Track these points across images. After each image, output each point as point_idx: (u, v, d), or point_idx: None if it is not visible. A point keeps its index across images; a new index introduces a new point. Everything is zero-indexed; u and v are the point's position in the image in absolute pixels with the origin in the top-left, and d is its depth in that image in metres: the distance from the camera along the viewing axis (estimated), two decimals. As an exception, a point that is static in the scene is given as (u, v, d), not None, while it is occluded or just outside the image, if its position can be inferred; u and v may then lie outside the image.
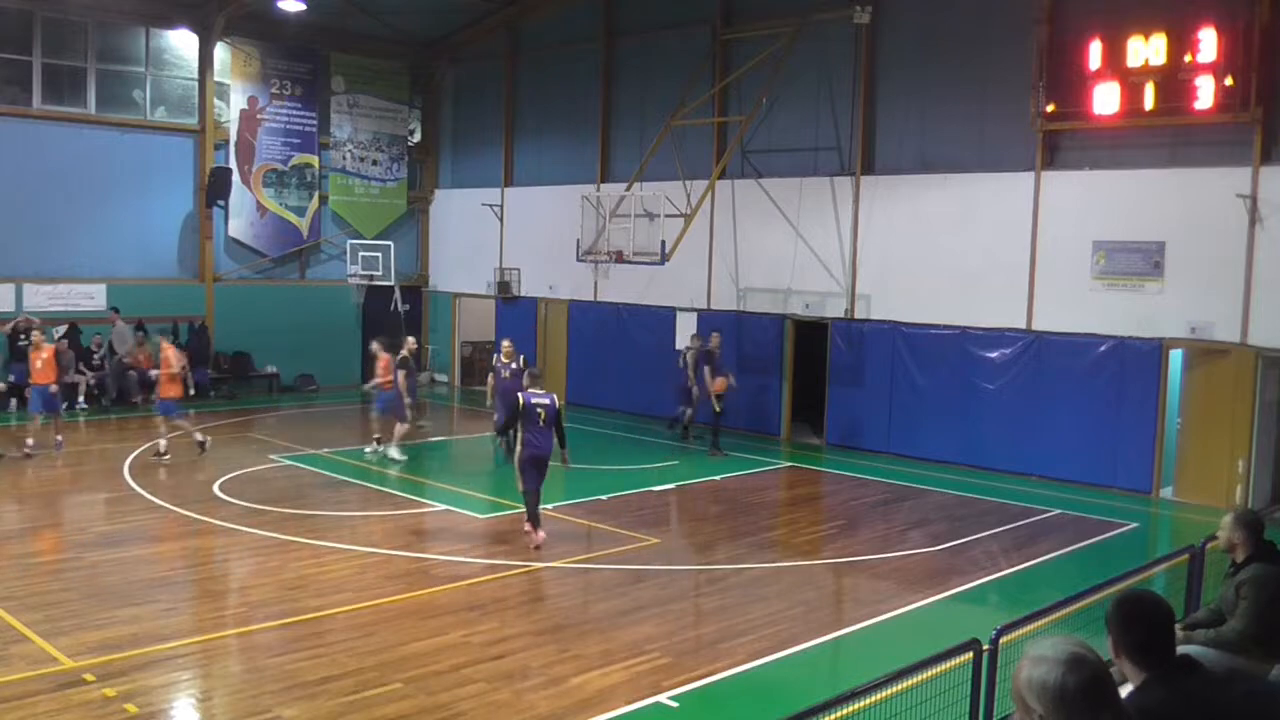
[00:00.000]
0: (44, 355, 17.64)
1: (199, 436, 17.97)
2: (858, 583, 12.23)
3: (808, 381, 20.96)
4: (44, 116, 22.95)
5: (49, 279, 22.98)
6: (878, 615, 10.72)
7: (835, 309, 20.10)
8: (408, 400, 18.31)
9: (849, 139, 20.02)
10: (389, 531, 13.55)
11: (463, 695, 8.42)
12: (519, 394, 12.96)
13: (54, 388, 17.68)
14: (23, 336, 20.49)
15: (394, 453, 17.90)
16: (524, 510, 12.82)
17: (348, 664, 9.02)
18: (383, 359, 18.32)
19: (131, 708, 8.04)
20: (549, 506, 13.80)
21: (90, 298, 23.49)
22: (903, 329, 19.24)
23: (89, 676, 8.58)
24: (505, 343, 18.51)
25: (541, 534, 12.69)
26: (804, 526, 14.78)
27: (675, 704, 8.39)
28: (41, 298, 22.80)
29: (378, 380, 18.36)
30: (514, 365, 17.66)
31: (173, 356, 17.70)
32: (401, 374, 18.10)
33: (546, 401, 12.70)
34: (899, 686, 6.34)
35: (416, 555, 12.42)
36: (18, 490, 15.69)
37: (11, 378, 21.15)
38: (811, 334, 20.71)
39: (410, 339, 19.40)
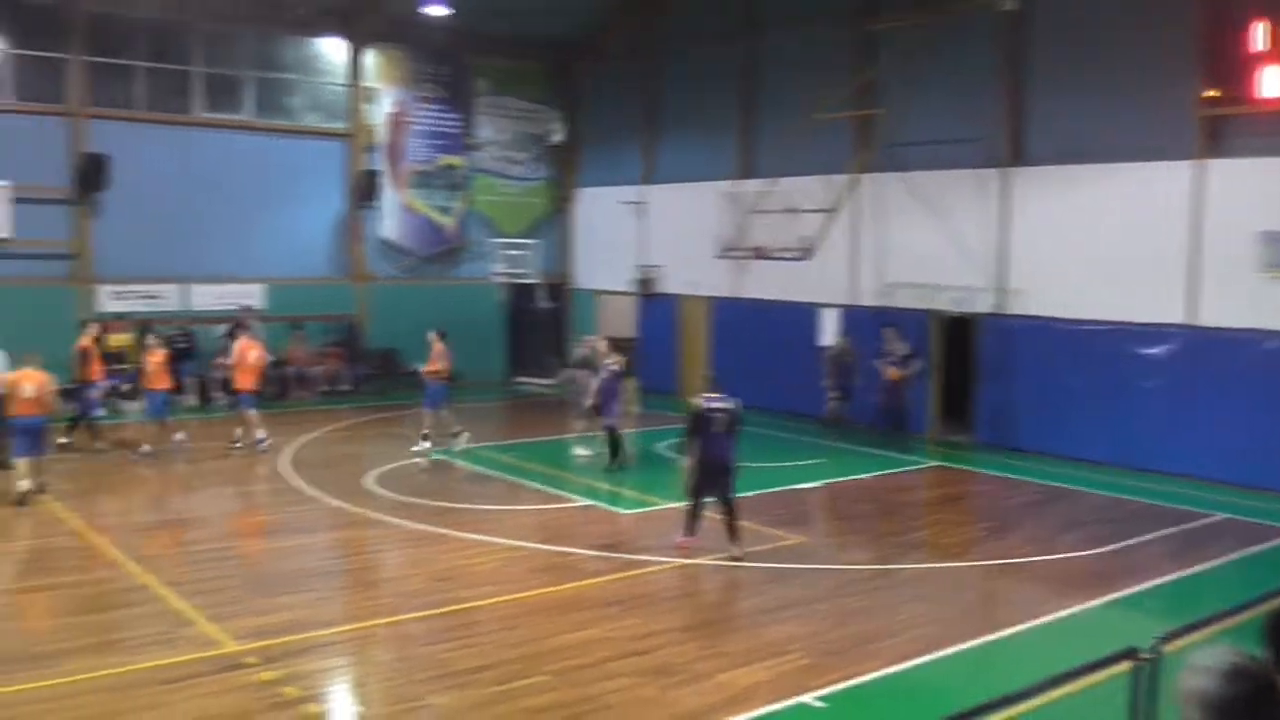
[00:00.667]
0: (156, 359, 17.56)
1: (261, 434, 18.19)
2: (1009, 586, 11.91)
3: (951, 378, 20.49)
4: (204, 124, 23.96)
5: (211, 279, 23.99)
6: (1030, 620, 10.40)
7: (983, 304, 19.62)
8: (592, 401, 17.46)
9: (996, 130, 19.49)
10: (533, 526, 13.72)
11: (608, 689, 8.48)
12: (703, 403, 12.06)
13: (164, 391, 17.62)
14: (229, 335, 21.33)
15: (582, 449, 17.97)
16: (668, 507, 12.78)
17: (495, 655, 9.16)
18: (603, 352, 17.86)
19: (290, 691, 8.32)
20: (679, 505, 13.69)
21: (249, 297, 24.41)
22: (1055, 324, 18.65)
23: (250, 660, 8.91)
24: (599, 341, 18.11)
25: (691, 541, 12.22)
26: (952, 527, 14.46)
27: (822, 704, 8.29)
28: (206, 298, 23.81)
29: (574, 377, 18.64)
30: (614, 366, 17.09)
31: (248, 351, 18.42)
32: (583, 373, 18.18)
33: (729, 406, 12.08)
34: (1052, 694, 6.12)
35: (561, 550, 12.55)
36: (183, 482, 16.42)
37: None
38: (955, 330, 20.24)
39: (594, 338, 19.38)
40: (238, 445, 17.96)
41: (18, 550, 12.50)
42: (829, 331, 21.49)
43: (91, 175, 22.09)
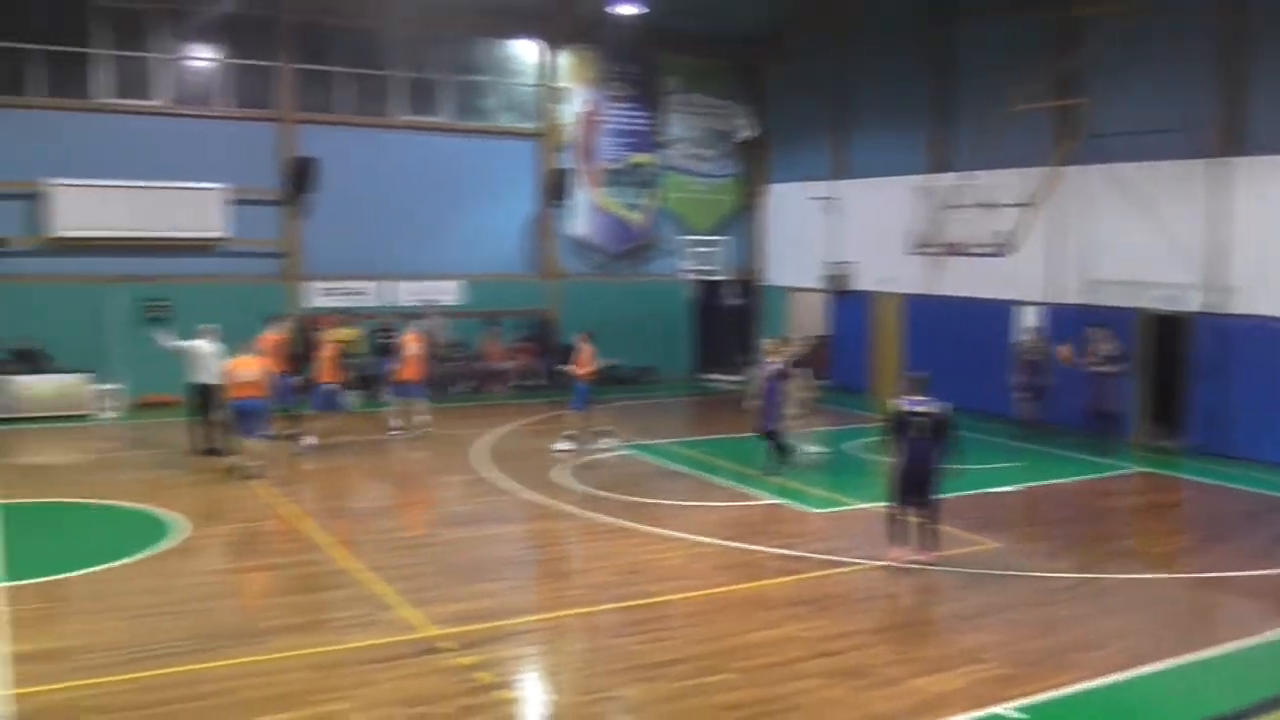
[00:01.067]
0: (327, 353, 18.35)
1: (415, 420, 19.18)
2: (1221, 600, 11.26)
3: (1160, 380, 19.49)
4: (404, 126, 24.90)
5: (409, 276, 24.92)
6: (1245, 637, 9.78)
7: (1195, 302, 18.60)
8: (753, 404, 17.02)
9: (1210, 118, 18.43)
10: (721, 522, 13.70)
11: (797, 689, 8.39)
12: (903, 405, 11.66)
13: (333, 386, 18.35)
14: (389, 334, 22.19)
15: (807, 449, 17.65)
16: (859, 507, 12.56)
17: (684, 650, 9.19)
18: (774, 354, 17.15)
19: (484, 676, 8.54)
20: (870, 505, 13.42)
21: (446, 294, 25.27)
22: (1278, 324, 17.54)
23: (447, 645, 9.18)
24: (769, 340, 17.31)
25: (903, 552, 11.76)
26: (1159, 536, 13.79)
27: (1021, 716, 7.99)
28: (405, 294, 24.77)
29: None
30: (774, 364, 16.21)
31: (411, 343, 19.31)
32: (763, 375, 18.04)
33: (931, 409, 11.56)
34: (1268, 717, 5.76)
35: (749, 547, 12.50)
36: (382, 472, 17.08)
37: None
38: (1164, 329, 19.23)
39: (780, 339, 19.11)
40: (396, 431, 19.04)
41: (233, 532, 13.22)
42: (1021, 329, 20.78)
43: (300, 177, 23.22)
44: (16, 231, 21.56)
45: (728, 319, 27.61)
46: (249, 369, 15.84)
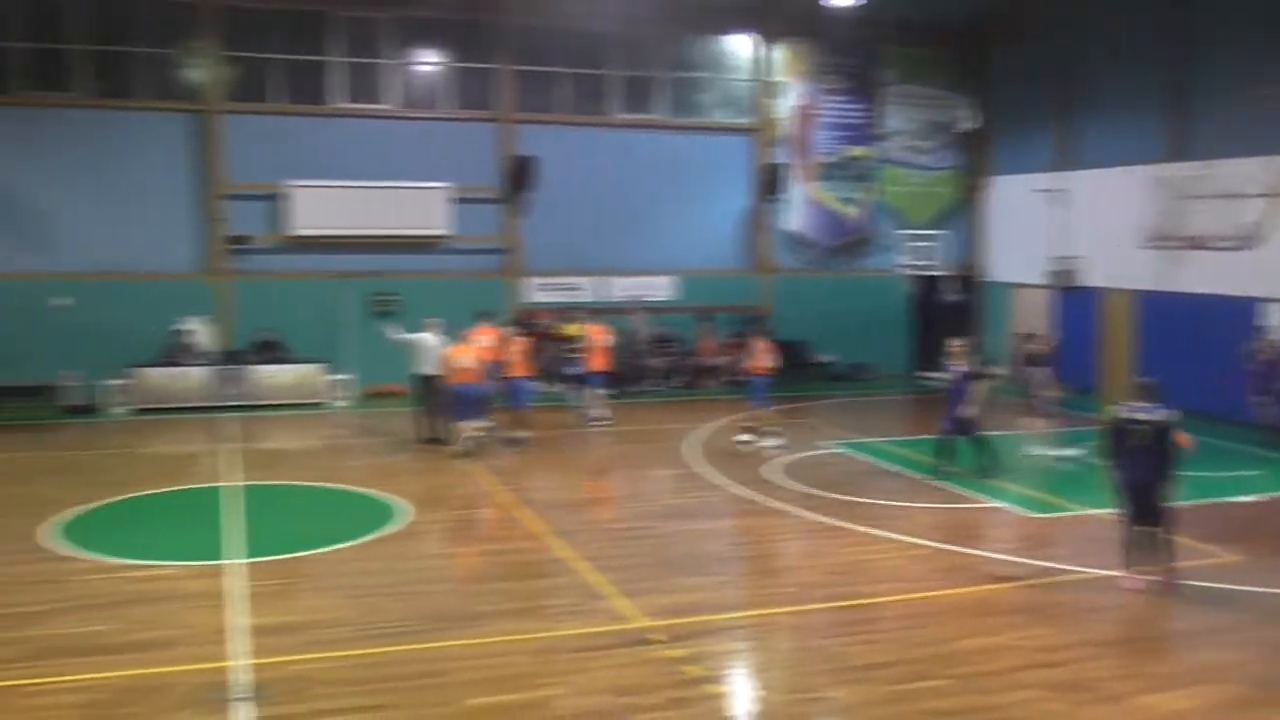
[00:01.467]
0: (517, 347, 18.28)
1: (595, 413, 19.66)
2: None
3: None
4: (620, 124, 25.28)
5: (625, 272, 25.29)
6: None
7: None
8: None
9: None
10: (938, 524, 13.35)
11: (1014, 700, 8.08)
12: (1121, 412, 10.76)
13: (522, 380, 18.15)
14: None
15: (1062, 452, 17.23)
16: (1084, 513, 11.99)
17: (896, 653, 8.99)
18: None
19: (693, 670, 8.56)
20: (1094, 511, 12.75)
21: (660, 289, 25.55)
22: None
23: (657, 637, 9.25)
24: (954, 342, 16.03)
25: (1135, 581, 10.71)
26: None
27: (1262, 740, 7.48)
28: (618, 290, 25.17)
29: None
30: (962, 367, 15.60)
31: (598, 336, 19.94)
32: (1034, 369, 17.38)
33: (1153, 417, 10.54)
34: None
35: (967, 551, 12.13)
36: (596, 465, 17.39)
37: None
38: None
39: (1026, 335, 18.38)
40: (595, 421, 19.61)
41: (453, 519, 13.72)
42: (1261, 328, 19.42)
43: (520, 176, 23.88)
44: (260, 230, 23.00)
45: (947, 316, 26.85)
46: (466, 357, 16.80)
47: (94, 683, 8.27)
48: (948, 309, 26.95)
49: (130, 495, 14.56)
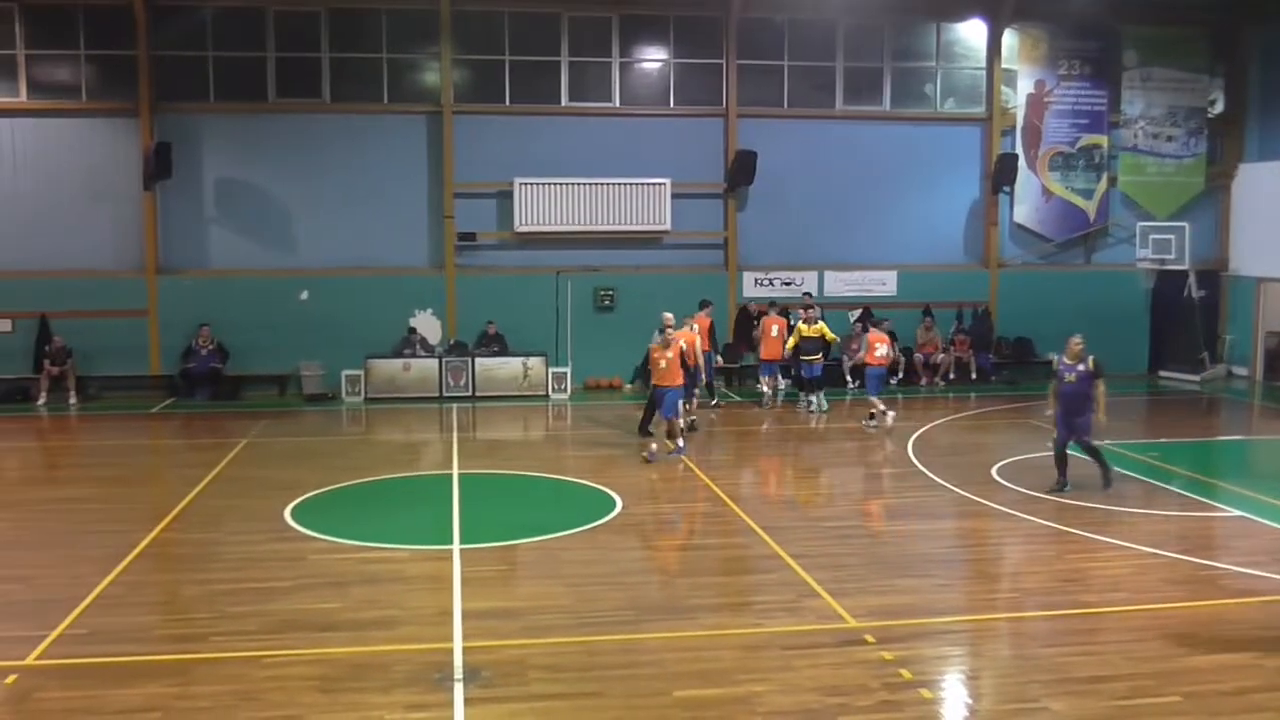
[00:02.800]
0: (667, 355, 16.57)
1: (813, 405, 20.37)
2: None
3: None
4: (844, 116, 24.92)
5: (846, 266, 24.94)
6: None
7: None
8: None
9: None
10: (1172, 533, 12.61)
11: (1252, 723, 7.56)
12: None
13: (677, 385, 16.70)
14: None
15: None
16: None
17: (1121, 666, 8.54)
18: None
19: (906, 673, 8.37)
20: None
21: (881, 284, 25.06)
22: None
23: (869, 638, 9.08)
24: (1074, 339, 14.41)
25: None
26: None
27: None
28: (838, 284, 24.85)
29: None
30: (1080, 366, 14.15)
31: (771, 325, 20.56)
32: None
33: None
34: None
35: (1203, 562, 11.40)
36: (813, 460, 17.22)
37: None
38: None
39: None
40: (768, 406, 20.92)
41: (666, 512, 13.85)
42: None
43: (741, 170, 23.85)
44: (487, 227, 23.80)
45: (1190, 312, 25.32)
46: (687, 339, 17.18)
47: (325, 657, 8.74)
48: (1191, 306, 25.38)
49: (363, 480, 15.33)
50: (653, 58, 24.59)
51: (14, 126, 22.78)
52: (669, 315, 17.37)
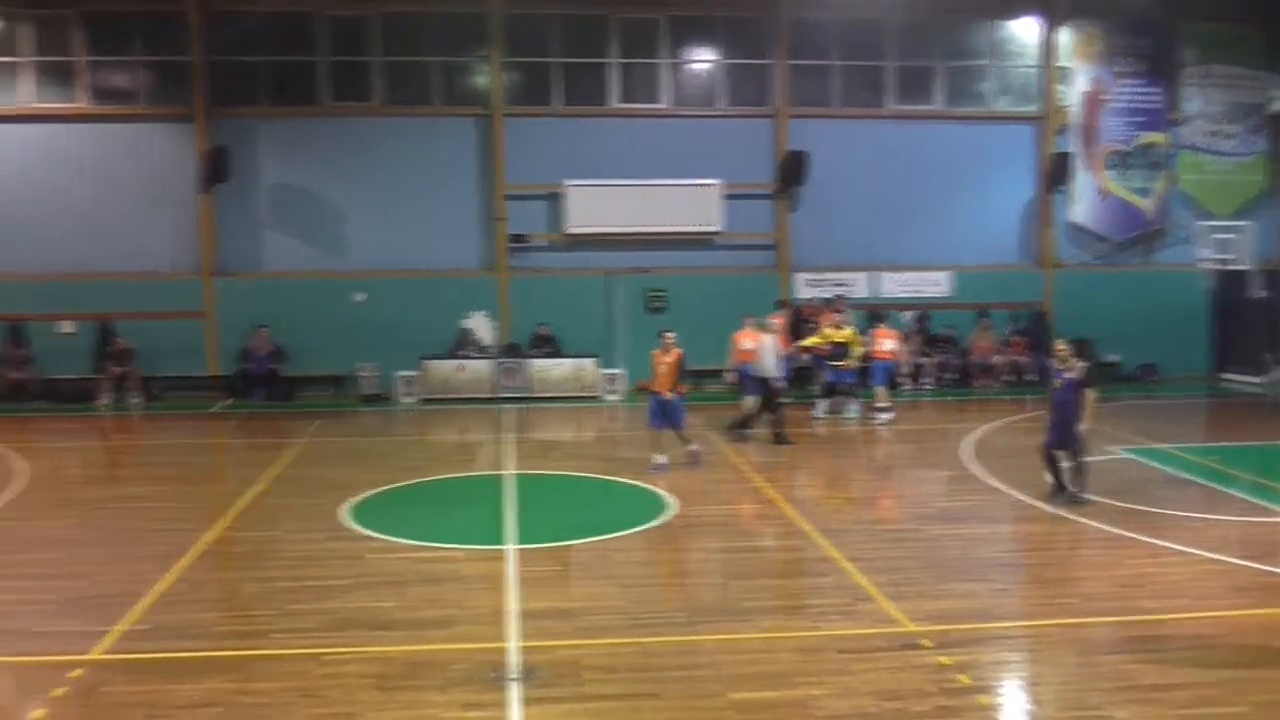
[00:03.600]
0: (667, 359, 15.96)
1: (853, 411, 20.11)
2: None
3: None
4: (896, 116, 24.76)
5: (899, 266, 24.76)
6: None
7: None
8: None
9: None
10: (1239, 538, 12.37)
11: (1325, 733, 7.39)
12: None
13: (668, 396, 15.91)
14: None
15: None
16: None
17: (1186, 675, 8.38)
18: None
19: (964, 679, 8.27)
20: None
21: (935, 284, 24.86)
22: None
23: (926, 642, 8.99)
24: (1059, 343, 14.09)
25: None
26: None
27: None
28: (891, 285, 24.68)
29: None
30: (1067, 373, 13.57)
31: (832, 332, 20.15)
32: None
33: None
34: None
35: (1267, 569, 11.16)
36: (867, 463, 17.10)
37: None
38: None
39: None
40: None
41: (719, 514, 13.79)
42: None
43: (792, 171, 23.77)
44: (539, 229, 23.90)
45: (1253, 314, 24.87)
46: (752, 340, 18.09)
47: (382, 655, 8.79)
48: (1254, 307, 24.93)
49: (418, 480, 15.43)
50: (702, 58, 24.58)
51: (75, 132, 23.21)
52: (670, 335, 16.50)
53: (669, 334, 16.34)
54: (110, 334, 22.87)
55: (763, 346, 17.81)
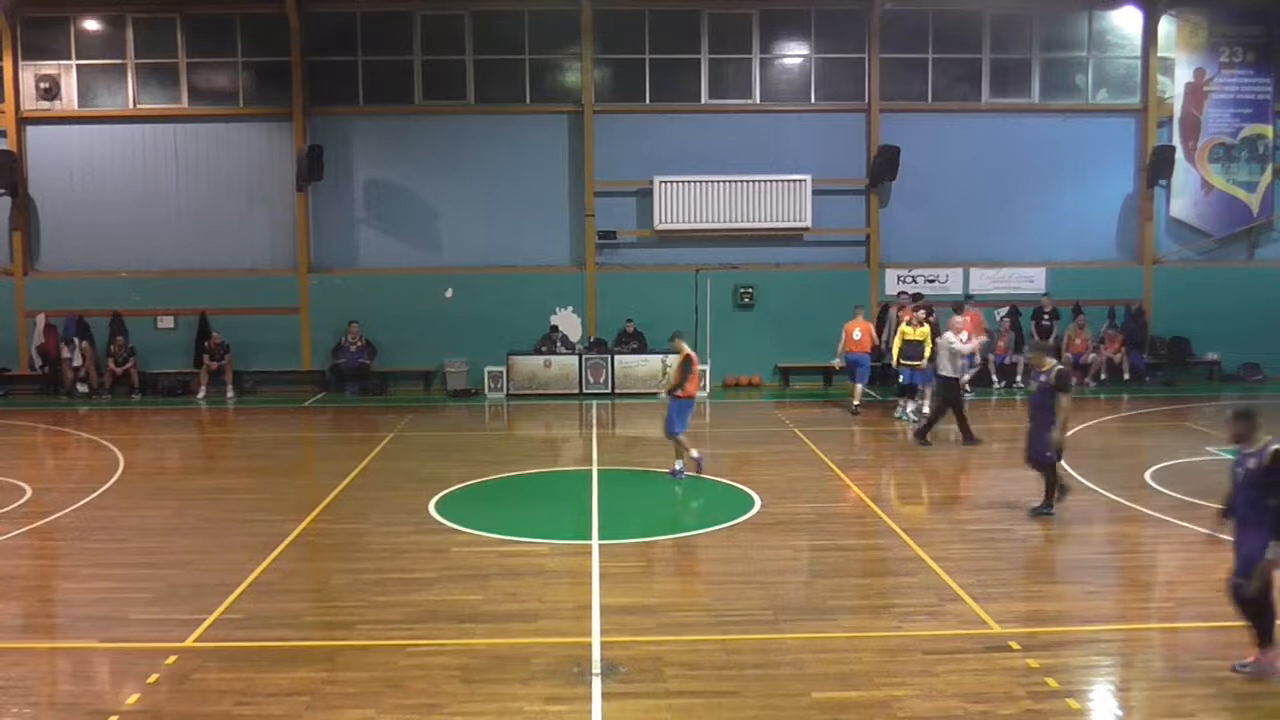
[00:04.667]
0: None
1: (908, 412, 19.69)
2: None
3: None
4: (991, 110, 24.31)
5: (992, 263, 24.33)
6: None
7: None
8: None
9: None
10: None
11: None
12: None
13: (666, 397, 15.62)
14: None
15: None
16: None
17: (1286, 684, 8.13)
18: None
19: (1052, 682, 8.12)
20: None
21: (1030, 280, 24.38)
22: None
23: (1014, 644, 8.84)
24: (1034, 343, 13.10)
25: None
26: None
27: None
28: (985, 281, 24.26)
29: None
30: (1042, 376, 13.14)
31: (853, 329, 20.29)
32: None
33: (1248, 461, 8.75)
34: None
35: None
36: (959, 463, 16.82)
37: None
38: None
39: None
40: (856, 409, 20.31)
41: (805, 511, 13.68)
42: None
43: (884, 166, 23.49)
44: (627, 225, 23.95)
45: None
46: (860, 330, 19.95)
47: (467, 647, 8.89)
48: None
49: (504, 475, 15.58)
50: (793, 53, 24.40)
51: (177, 132, 23.85)
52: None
53: (679, 337, 16.25)
54: (208, 329, 23.47)
55: (939, 346, 17.57)
